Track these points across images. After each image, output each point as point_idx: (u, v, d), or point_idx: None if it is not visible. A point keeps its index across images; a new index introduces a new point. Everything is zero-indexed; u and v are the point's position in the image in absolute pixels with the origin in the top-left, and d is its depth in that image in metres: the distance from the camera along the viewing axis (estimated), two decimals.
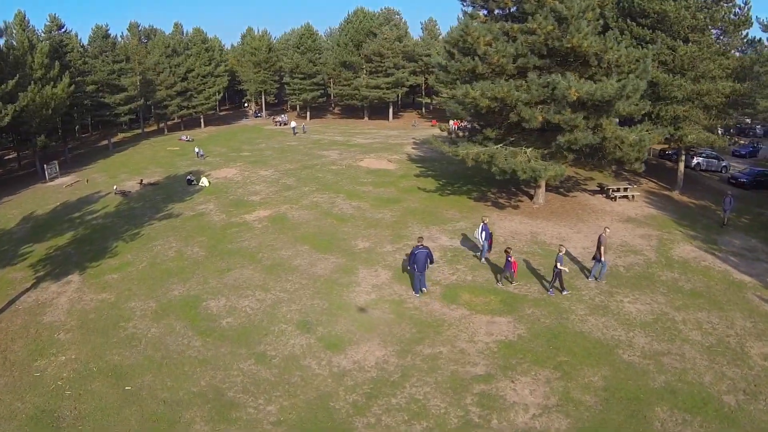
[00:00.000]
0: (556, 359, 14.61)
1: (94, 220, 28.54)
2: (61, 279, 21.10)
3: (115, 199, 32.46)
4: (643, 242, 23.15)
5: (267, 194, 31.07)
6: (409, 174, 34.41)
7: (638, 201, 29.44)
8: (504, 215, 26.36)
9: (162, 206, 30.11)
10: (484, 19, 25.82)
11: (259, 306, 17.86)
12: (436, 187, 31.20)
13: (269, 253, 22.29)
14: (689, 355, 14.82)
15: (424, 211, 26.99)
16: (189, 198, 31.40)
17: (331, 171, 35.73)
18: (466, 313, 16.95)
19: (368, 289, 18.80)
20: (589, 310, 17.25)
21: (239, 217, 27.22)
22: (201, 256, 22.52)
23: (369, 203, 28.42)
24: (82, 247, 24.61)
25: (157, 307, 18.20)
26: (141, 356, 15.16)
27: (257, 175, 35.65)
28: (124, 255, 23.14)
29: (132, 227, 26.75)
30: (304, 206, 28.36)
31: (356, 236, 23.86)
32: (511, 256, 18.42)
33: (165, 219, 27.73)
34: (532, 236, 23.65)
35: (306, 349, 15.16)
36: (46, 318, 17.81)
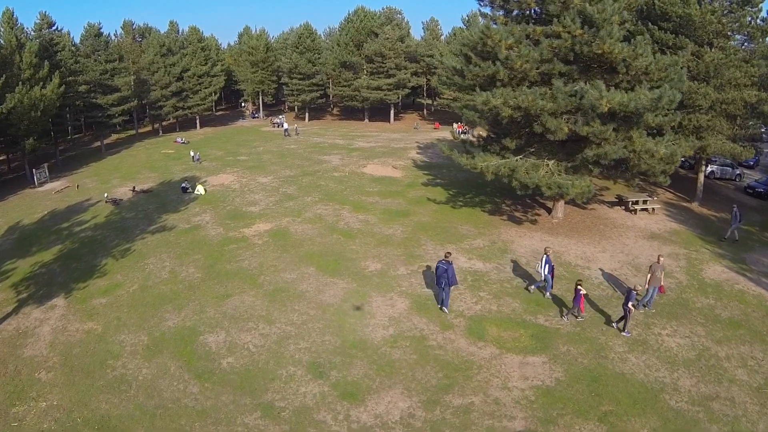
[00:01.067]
0: (599, 409, 13.00)
1: (83, 232, 26.66)
2: (45, 303, 19.28)
3: (105, 207, 30.58)
4: (672, 263, 21.55)
5: (266, 205, 29.27)
6: (416, 182, 32.68)
7: (659, 214, 27.90)
8: (522, 232, 24.69)
9: (155, 217, 28.25)
10: (504, 20, 24.10)
11: (263, 343, 16.09)
12: (447, 197, 29.50)
13: (272, 276, 20.52)
14: (739, 398, 13.47)
15: (436, 226, 25.27)
16: (184, 208, 29.55)
17: (334, 178, 33.95)
18: (495, 352, 15.26)
19: (384, 321, 17.06)
20: (628, 346, 15.67)
21: (238, 232, 25.41)
22: (197, 278, 20.70)
23: (377, 216, 26.68)
24: (69, 264, 22.76)
25: (149, 341, 16.39)
26: (131, 404, 13.38)
27: (255, 182, 33.81)
28: (113, 275, 21.32)
29: (123, 241, 24.91)
30: (307, 219, 26.59)
31: (366, 256, 22.11)
32: (582, 289, 16.69)
33: (158, 232, 25.88)
34: (555, 256, 21.87)
35: (319, 399, 13.41)
36: (26, 351, 15.99)
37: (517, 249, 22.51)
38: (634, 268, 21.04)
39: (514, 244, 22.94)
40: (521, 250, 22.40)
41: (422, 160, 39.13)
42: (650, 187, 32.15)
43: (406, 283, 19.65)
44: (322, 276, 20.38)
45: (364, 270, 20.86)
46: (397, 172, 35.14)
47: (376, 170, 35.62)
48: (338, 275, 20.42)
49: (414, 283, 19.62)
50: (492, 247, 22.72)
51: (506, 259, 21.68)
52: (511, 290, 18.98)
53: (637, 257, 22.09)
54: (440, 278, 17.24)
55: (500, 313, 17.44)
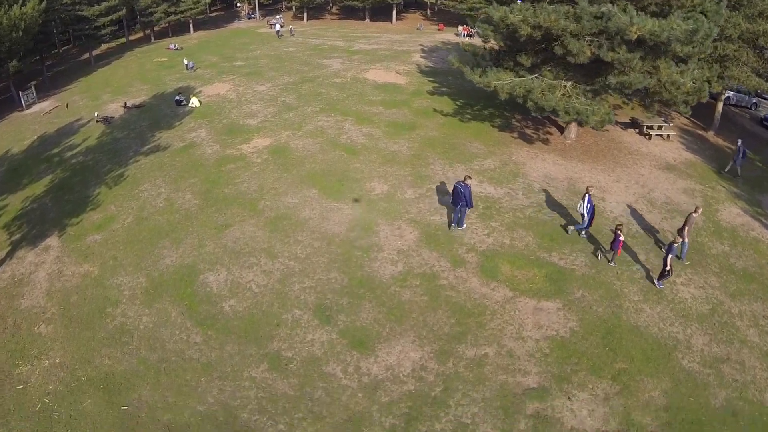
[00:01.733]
0: (613, 366, 12.66)
1: (75, 157, 25.22)
2: (39, 244, 18.48)
3: (97, 128, 28.81)
4: (687, 200, 20.41)
5: (265, 116, 27.46)
6: (421, 90, 30.45)
7: (674, 141, 26.11)
8: (534, 152, 23.15)
9: (148, 136, 26.64)
10: None
11: (267, 281, 15.45)
12: (454, 109, 27.54)
13: (272, 201, 19.49)
14: (749, 362, 13.16)
15: (444, 142, 23.72)
16: (178, 123, 27.81)
17: (335, 85, 31.65)
18: (509, 295, 14.62)
19: (393, 255, 16.29)
20: (643, 294, 15.06)
21: (235, 149, 23.95)
22: (194, 205, 19.69)
23: (381, 130, 25.03)
24: (61, 196, 21.65)
25: (148, 283, 15.75)
26: (134, 359, 13.00)
27: (253, 91, 31.60)
28: (106, 206, 20.31)
29: (115, 166, 23.59)
30: (307, 133, 24.99)
31: (371, 176, 20.89)
32: (621, 234, 15.64)
33: (152, 153, 24.46)
34: (569, 184, 20.73)
35: (328, 349, 12.98)
36: (24, 302, 15.43)
37: (530, 173, 21.20)
38: (649, 203, 19.91)
39: (526, 167, 21.59)
40: (534, 174, 21.11)
41: (427, 66, 36.27)
42: (666, 110, 30.05)
43: (415, 209, 18.66)
44: (325, 200, 19.35)
45: (370, 193, 19.77)
46: (401, 79, 32.68)
47: (379, 76, 33.11)
48: (343, 199, 19.38)
49: (422, 210, 18.62)
50: (503, 170, 21.41)
51: (518, 184, 20.47)
52: (524, 221, 18.00)
53: (653, 190, 20.86)
54: (457, 199, 16.82)
55: (513, 248, 16.60)
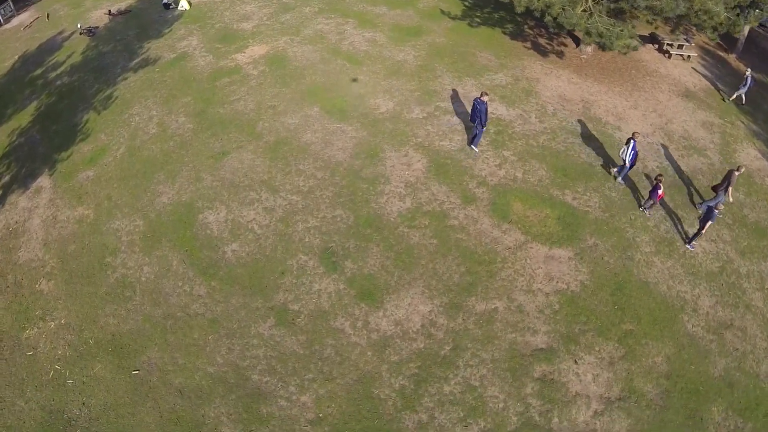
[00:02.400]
0: (621, 327, 12.57)
1: (59, 78, 23.25)
2: (30, 185, 17.48)
3: (81, 41, 26.39)
4: (705, 135, 18.99)
5: (260, 19, 24.98)
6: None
7: (693, 62, 23.53)
8: (548, 68, 21.04)
9: (136, 47, 24.45)
10: None
11: (269, 221, 14.81)
12: (463, 10, 24.69)
13: (271, 122, 18.21)
14: (751, 330, 13.02)
15: (452, 51, 21.59)
16: (167, 30, 25.40)
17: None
18: (520, 240, 14.02)
19: (401, 189, 15.43)
20: (655, 245, 14.50)
21: (230, 59, 22.00)
22: (188, 130, 18.42)
23: (385, 34, 22.74)
24: (49, 126, 20.16)
25: (146, 227, 15.09)
26: (139, 316, 12.80)
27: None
28: (96, 135, 18.99)
29: (103, 86, 21.80)
30: (307, 39, 22.83)
31: (375, 90, 19.33)
32: (661, 186, 14.64)
33: (141, 69, 22.56)
34: (584, 107, 19.14)
35: (336, 301, 12.69)
36: (21, 255, 14.88)
37: (543, 92, 19.51)
38: (666, 136, 18.55)
39: (540, 85, 19.81)
40: (547, 94, 19.44)
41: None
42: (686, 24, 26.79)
43: (423, 132, 17.43)
44: (327, 120, 18.09)
45: (375, 111, 18.42)
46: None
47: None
48: (346, 118, 18.10)
49: (431, 132, 17.39)
50: (515, 87, 19.70)
51: (531, 104, 18.95)
52: (537, 150, 16.86)
53: (671, 121, 19.31)
54: (474, 116, 16.20)
55: (525, 183, 15.68)
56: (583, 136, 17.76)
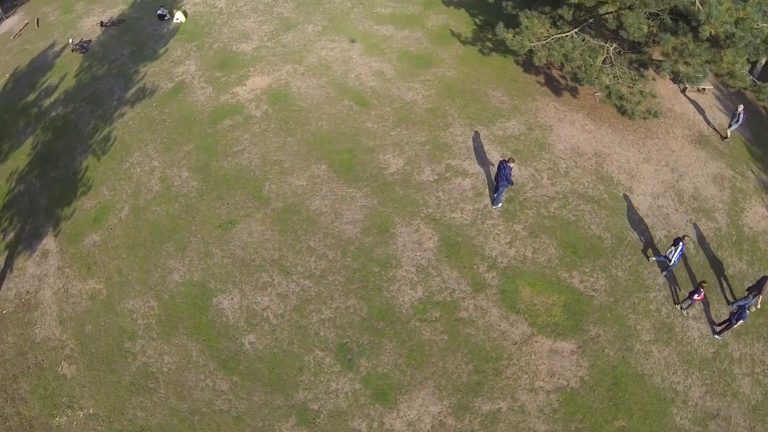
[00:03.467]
0: (614, 424, 13.51)
1: (54, 108, 22.62)
2: (36, 247, 17.72)
3: (73, 59, 25.52)
4: (715, 193, 19.19)
5: (260, 38, 24.26)
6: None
7: (709, 95, 23.16)
8: (562, 111, 20.77)
9: (131, 72, 23.76)
10: None
11: (283, 310, 15.26)
12: (473, 30, 23.94)
13: (278, 183, 18.26)
14: (735, 419, 13.98)
15: (464, 89, 21.26)
16: (163, 50, 24.65)
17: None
18: (527, 332, 14.69)
19: (412, 275, 15.80)
20: (655, 332, 15.23)
21: (230, 93, 21.58)
22: (192, 189, 18.38)
23: (393, 65, 22.25)
24: (48, 172, 20.03)
25: (160, 309, 15.55)
26: (165, 409, 13.54)
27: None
28: (98, 188, 18.99)
29: (100, 123, 21.41)
30: (310, 69, 22.32)
31: (384, 143, 19.26)
32: (703, 290, 14.96)
33: (138, 101, 22.00)
34: (597, 162, 19.19)
35: (352, 401, 13.43)
36: (38, 332, 15.42)
37: (556, 144, 19.48)
38: (677, 196, 18.76)
39: (553, 135, 19.74)
40: (560, 147, 19.41)
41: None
42: None
43: (433, 200, 17.61)
44: (336, 182, 18.20)
45: (384, 171, 18.50)
46: None
47: None
48: (355, 181, 18.21)
49: (442, 201, 17.58)
50: (528, 137, 19.65)
51: (544, 161, 19.00)
52: (548, 221, 17.14)
53: (682, 176, 19.42)
54: (500, 177, 16.57)
55: (535, 264, 16.09)
56: (595, 201, 18.00)
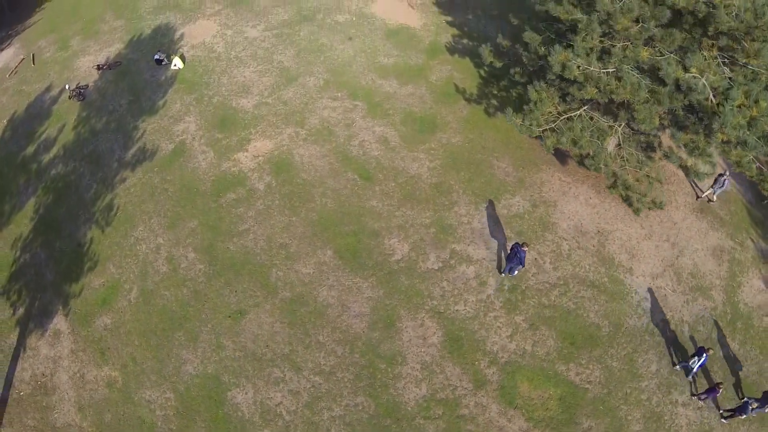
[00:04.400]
0: None
1: (54, 166, 22.59)
2: (47, 326, 17.94)
3: (71, 107, 25.01)
4: (713, 268, 19.37)
5: (261, 92, 23.79)
6: (439, 43, 25.78)
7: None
8: (567, 183, 20.69)
9: (130, 127, 23.31)
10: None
11: (296, 406, 15.66)
12: (478, 85, 23.72)
13: (285, 270, 18.35)
14: None
15: (469, 159, 21.16)
16: (161, 102, 24.19)
17: (339, 30, 26.38)
18: (524, 427, 15.31)
19: (417, 372, 16.14)
20: (644, 422, 15.69)
21: (232, 160, 21.39)
22: (200, 272, 18.46)
23: (397, 130, 21.98)
24: (52, 242, 20.11)
25: (177, 401, 15.93)
26: None
27: (242, 37, 26.70)
28: (105, 265, 19.06)
29: (101, 188, 21.40)
30: (313, 133, 22.02)
31: (389, 225, 19.29)
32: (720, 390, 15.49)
33: (138, 164, 21.78)
34: (599, 242, 19.31)
35: None
36: (57, 417, 15.85)
37: (560, 222, 19.57)
38: (675, 276, 18.96)
39: (557, 212, 19.81)
40: (564, 226, 19.51)
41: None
42: None
43: (438, 291, 17.77)
44: (342, 270, 18.33)
45: (390, 258, 18.60)
46: (413, 16, 27.36)
47: (390, 12, 27.57)
48: (361, 269, 18.34)
49: (446, 292, 17.75)
50: (532, 216, 19.74)
51: (547, 242, 19.15)
52: (549, 310, 17.43)
53: (682, 252, 19.56)
54: (513, 258, 17.20)
55: (534, 357, 16.51)
56: (595, 286, 18.19)
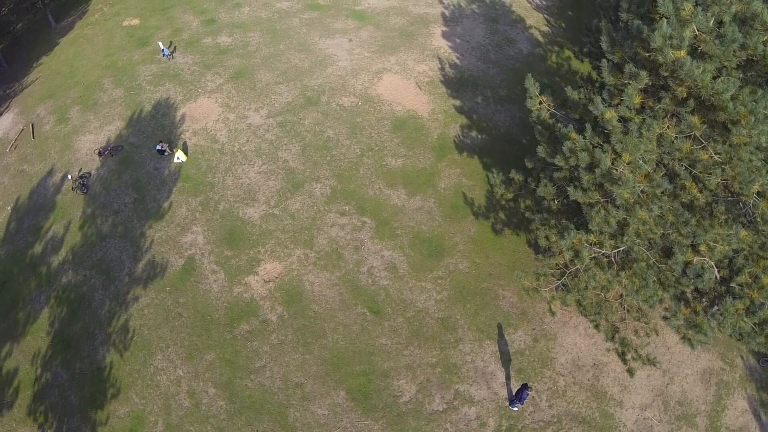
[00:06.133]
0: None
1: (64, 272, 23.04)
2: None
3: (75, 200, 24.81)
4: (700, 393, 20.19)
5: (267, 201, 23.73)
6: (447, 137, 25.52)
7: None
8: (568, 309, 21.17)
9: (137, 235, 23.37)
10: None
11: None
12: (486, 194, 23.91)
13: (302, 411, 19.23)
14: None
15: (474, 288, 21.67)
16: (167, 206, 24.02)
17: (345, 120, 25.77)
18: None
19: None
20: None
21: (243, 285, 21.93)
22: (221, 410, 19.33)
23: (405, 255, 22.38)
24: (71, 362, 20.87)
25: None
26: None
27: (245, 125, 26.11)
28: (127, 393, 19.94)
29: (114, 303, 21.97)
30: (322, 257, 22.40)
31: (398, 365, 20.07)
32: None
33: (150, 282, 22.24)
34: (593, 375, 20.15)
35: None
36: None
37: (559, 357, 20.40)
38: (663, 405, 19.74)
39: (557, 346, 20.59)
40: (562, 360, 20.35)
41: (451, 62, 28.98)
42: None
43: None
44: (354, 412, 19.27)
45: (398, 400, 19.52)
46: (422, 100, 26.66)
47: (396, 93, 26.89)
48: (372, 411, 19.26)
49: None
50: (533, 352, 20.50)
51: (545, 378, 20.00)
52: None
53: (672, 380, 20.30)
54: (519, 395, 18.65)
55: None
56: (586, 422, 19.19)
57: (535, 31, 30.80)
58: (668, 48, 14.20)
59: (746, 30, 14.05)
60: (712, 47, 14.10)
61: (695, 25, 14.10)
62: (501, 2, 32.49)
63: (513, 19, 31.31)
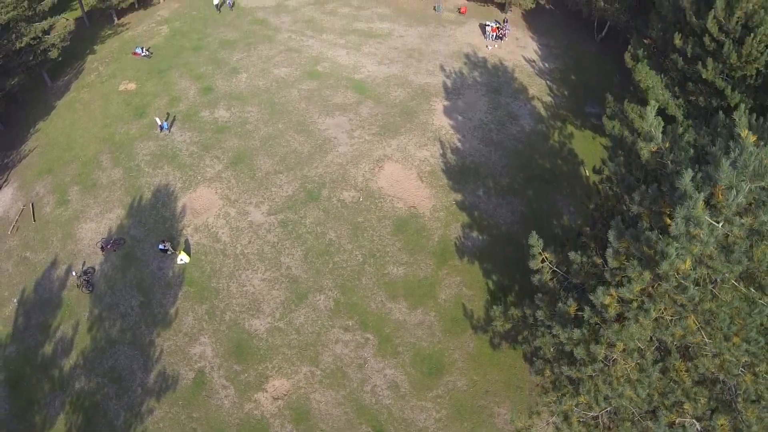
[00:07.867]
0: None
1: (76, 377, 23.73)
2: None
3: (80, 299, 25.20)
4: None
5: (272, 312, 24.40)
6: (448, 239, 25.82)
7: None
8: (562, 429, 22.73)
9: (146, 343, 24.04)
10: None
11: None
12: (485, 304, 24.59)
13: None
14: None
15: (472, 407, 22.84)
16: (173, 312, 24.57)
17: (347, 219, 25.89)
18: None
19: None
20: None
21: (253, 402, 22.95)
22: None
23: (406, 371, 23.40)
24: None
25: None
26: None
27: (246, 221, 26.12)
28: None
29: (129, 415, 22.76)
30: (328, 375, 23.36)
31: None
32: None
33: (162, 395, 23.05)
34: None
35: None
36: None
37: None
38: None
39: None
40: None
41: (453, 146, 28.56)
42: None
43: None
44: None
45: None
46: (423, 195, 26.59)
47: (398, 186, 26.75)
48: None
49: None
50: None
51: None
52: None
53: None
54: None
55: None
56: None
57: (537, 103, 30.22)
58: (673, 274, 14.82)
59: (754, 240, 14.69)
60: (718, 263, 14.73)
61: (703, 248, 14.62)
62: (503, 68, 31.56)
63: (515, 89, 30.59)
